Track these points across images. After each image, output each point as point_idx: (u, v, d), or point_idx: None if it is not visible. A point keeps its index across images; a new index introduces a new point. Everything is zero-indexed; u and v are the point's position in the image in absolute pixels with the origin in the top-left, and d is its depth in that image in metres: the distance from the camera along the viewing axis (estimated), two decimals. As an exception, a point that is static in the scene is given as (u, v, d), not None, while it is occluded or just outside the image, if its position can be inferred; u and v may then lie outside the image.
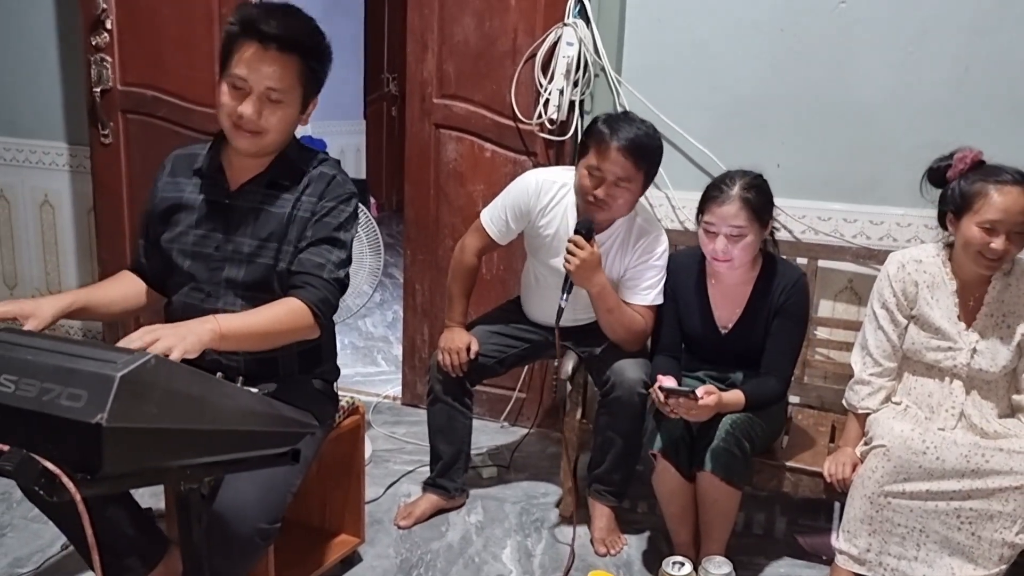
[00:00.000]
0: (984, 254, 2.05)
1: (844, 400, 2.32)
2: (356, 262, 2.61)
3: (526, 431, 3.15)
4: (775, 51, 2.69)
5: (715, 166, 2.71)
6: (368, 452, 2.78)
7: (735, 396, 2.19)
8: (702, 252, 2.29)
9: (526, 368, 3.08)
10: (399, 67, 6.36)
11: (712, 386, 2.16)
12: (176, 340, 1.43)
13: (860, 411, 2.25)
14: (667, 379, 2.16)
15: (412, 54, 3.10)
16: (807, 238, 2.73)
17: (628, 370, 2.35)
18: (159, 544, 1.86)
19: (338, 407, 2.12)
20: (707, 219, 2.21)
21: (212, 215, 1.84)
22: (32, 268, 3.89)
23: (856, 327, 2.43)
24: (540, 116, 2.88)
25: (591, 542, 2.48)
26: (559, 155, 2.93)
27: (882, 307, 2.22)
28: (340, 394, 2.14)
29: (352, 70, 6.26)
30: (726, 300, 2.33)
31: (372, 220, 2.83)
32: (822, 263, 2.69)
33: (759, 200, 2.18)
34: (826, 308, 2.78)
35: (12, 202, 3.84)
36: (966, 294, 2.16)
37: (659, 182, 2.51)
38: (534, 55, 2.88)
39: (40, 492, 1.05)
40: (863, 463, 2.13)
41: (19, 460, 1.05)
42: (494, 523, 2.60)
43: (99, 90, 3.26)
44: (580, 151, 2.34)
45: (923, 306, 2.17)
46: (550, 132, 2.89)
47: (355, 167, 6.55)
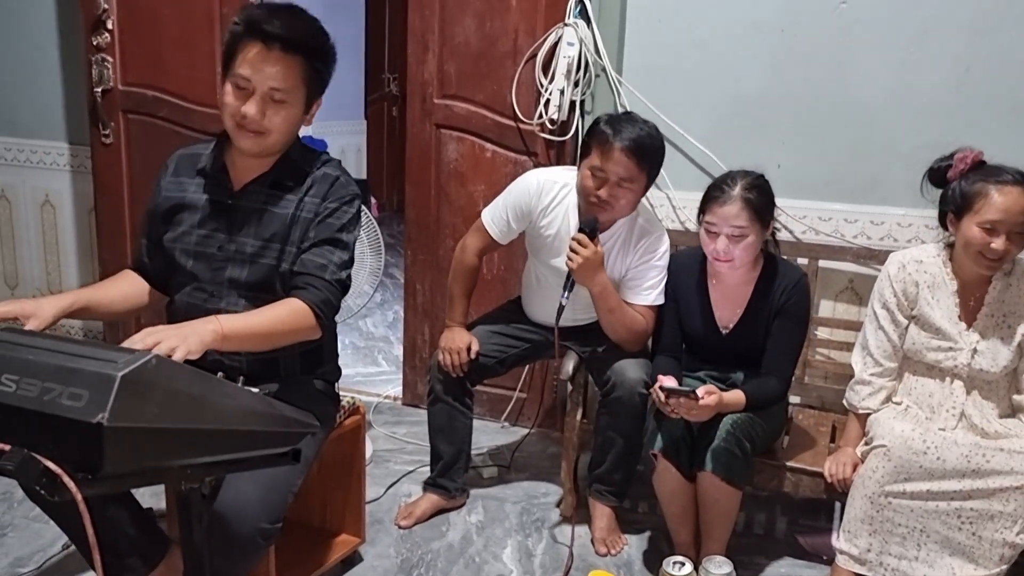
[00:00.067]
0: (985, 254, 2.05)
1: (845, 400, 2.32)
2: (357, 262, 2.61)
3: (527, 431, 3.15)
4: (776, 51, 2.69)
5: (716, 166, 2.71)
6: (369, 452, 2.78)
7: (736, 396, 2.19)
8: (703, 252, 2.29)
9: (527, 368, 3.09)
10: (400, 67, 6.36)
11: (713, 386, 2.16)
12: (178, 341, 1.44)
13: (861, 411, 2.25)
14: (668, 379, 2.16)
15: (413, 54, 3.10)
16: (808, 238, 2.73)
17: (629, 370, 2.35)
18: (160, 544, 1.86)
19: (339, 407, 2.12)
20: (708, 219, 2.21)
21: (215, 215, 1.84)
22: (33, 268, 3.89)
23: (857, 327, 2.43)
24: (541, 116, 2.88)
25: (592, 542, 2.48)
26: (560, 155, 2.93)
27: (883, 307, 2.22)
28: (341, 394, 2.14)
29: (353, 70, 6.26)
30: (727, 300, 2.33)
31: (373, 220, 2.83)
32: (823, 263, 2.69)
33: (761, 200, 2.18)
34: (827, 308, 2.78)
35: (13, 202, 3.84)
36: (967, 294, 2.16)
37: (660, 182, 2.51)
38: (535, 55, 2.88)
39: (41, 492, 1.05)
40: (864, 463, 2.13)
41: (20, 460, 1.05)
42: (495, 523, 2.60)
43: (100, 90, 3.26)
44: (582, 152, 2.34)
45: (924, 306, 2.17)
46: (551, 132, 2.89)
47: (356, 167, 6.55)
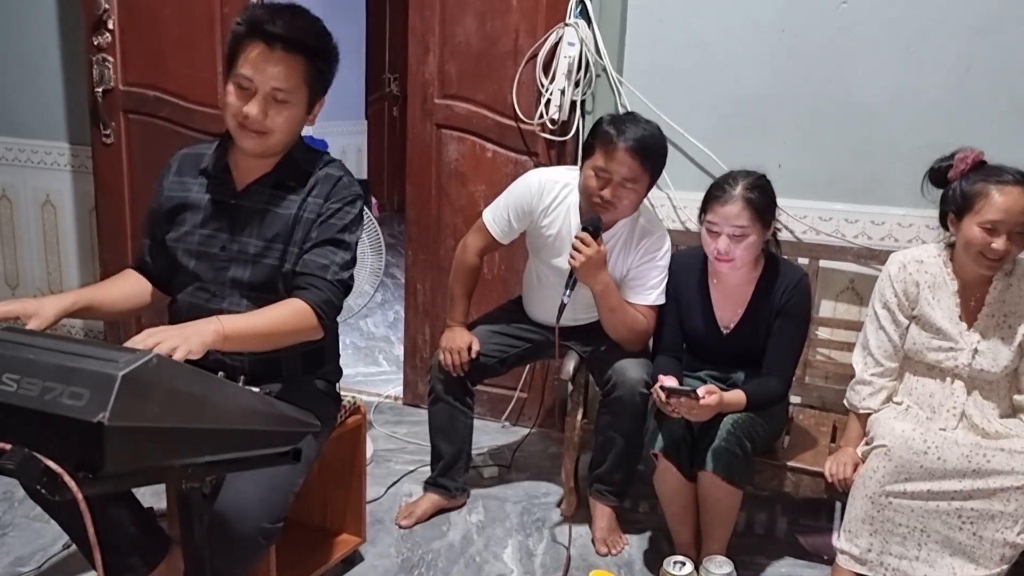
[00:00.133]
0: (985, 254, 2.05)
1: (845, 400, 2.32)
2: (358, 262, 2.61)
3: (527, 431, 3.15)
4: (776, 51, 2.69)
5: (716, 166, 2.71)
6: (369, 452, 2.78)
7: (736, 396, 2.19)
8: (704, 252, 2.29)
9: (527, 368, 3.09)
10: (400, 67, 6.37)
11: (713, 386, 2.16)
12: (180, 341, 1.44)
13: (861, 411, 2.25)
14: (668, 379, 2.16)
15: (413, 55, 3.10)
16: (808, 238, 2.73)
17: (629, 370, 2.35)
18: (161, 543, 1.87)
19: (341, 407, 2.12)
20: (710, 218, 2.21)
21: (218, 215, 1.84)
22: (34, 268, 3.89)
23: (857, 327, 2.43)
24: (541, 116, 2.88)
25: (592, 542, 2.48)
26: (560, 155, 2.93)
27: (883, 307, 2.22)
28: (342, 394, 2.14)
29: (353, 70, 6.26)
30: (728, 300, 2.33)
31: (374, 220, 2.84)
32: (823, 263, 2.69)
33: (762, 200, 2.18)
34: (827, 308, 2.78)
35: (14, 202, 3.84)
36: (967, 294, 2.16)
37: (660, 182, 2.51)
38: (535, 55, 2.88)
39: (42, 491, 1.05)
40: (864, 463, 2.13)
41: (21, 459, 1.05)
42: (495, 523, 2.60)
43: (101, 90, 3.26)
44: (585, 152, 2.34)
45: (924, 306, 2.17)
46: (551, 132, 2.89)
47: (356, 167, 6.56)
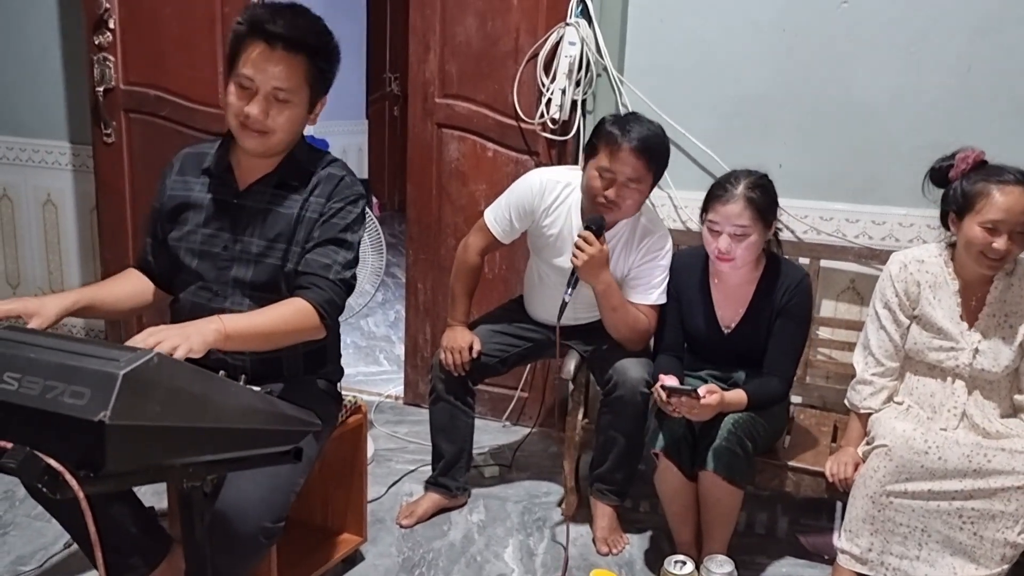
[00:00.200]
0: (986, 254, 2.05)
1: (846, 400, 2.32)
2: (359, 261, 2.61)
3: (528, 430, 3.15)
4: (777, 51, 2.69)
5: (717, 166, 2.71)
6: (370, 451, 2.78)
7: (737, 395, 2.19)
8: (705, 251, 2.28)
9: (528, 367, 3.09)
10: (401, 67, 6.37)
11: (714, 385, 2.16)
12: (181, 340, 1.44)
13: (862, 411, 2.25)
14: (669, 378, 2.15)
15: (414, 54, 3.10)
16: (809, 238, 2.73)
17: (630, 369, 2.35)
18: (162, 543, 1.87)
19: (342, 407, 2.12)
20: (711, 218, 2.21)
21: (220, 214, 1.85)
22: (35, 267, 3.90)
23: (858, 327, 2.43)
24: (542, 116, 2.88)
25: (593, 541, 2.48)
26: (561, 155, 2.93)
27: (884, 307, 2.22)
28: (343, 393, 2.14)
29: (354, 70, 6.26)
30: (729, 300, 2.33)
31: (374, 220, 2.84)
32: (824, 263, 2.69)
33: (763, 200, 2.18)
34: (828, 308, 2.78)
35: (15, 201, 3.85)
36: (968, 294, 2.16)
37: (661, 182, 2.51)
38: (536, 55, 2.88)
39: (43, 490, 1.06)
40: (865, 463, 2.13)
41: (22, 457, 1.05)
42: (496, 522, 2.60)
43: (102, 89, 3.26)
44: (588, 152, 2.33)
45: (925, 306, 2.17)
46: (552, 132, 2.89)
47: (357, 167, 6.56)
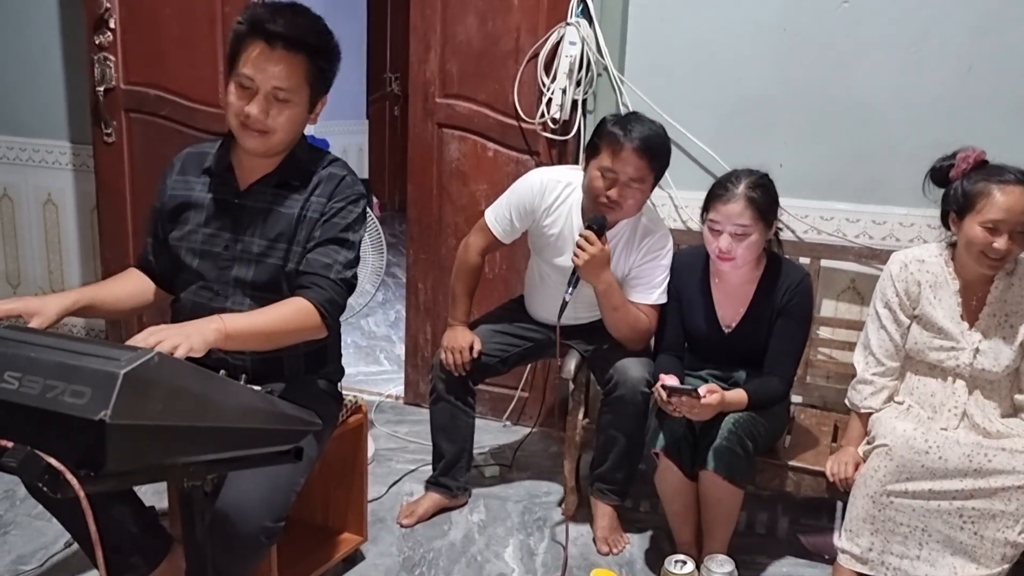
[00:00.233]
0: (987, 254, 2.04)
1: (847, 399, 2.32)
2: (360, 261, 2.62)
3: (528, 430, 3.15)
4: (778, 51, 2.69)
5: (718, 166, 2.71)
6: (371, 451, 2.78)
7: (738, 395, 2.19)
8: (706, 251, 2.28)
9: (528, 367, 3.09)
10: (402, 67, 6.37)
11: (715, 385, 2.16)
12: (181, 339, 1.44)
13: (863, 410, 2.25)
14: (670, 378, 2.15)
15: (415, 54, 3.10)
16: (810, 238, 2.73)
17: (631, 369, 2.35)
18: (162, 542, 1.87)
19: (342, 406, 2.12)
20: (712, 217, 2.21)
21: (221, 214, 1.85)
22: (35, 267, 3.90)
23: (858, 327, 2.43)
24: (543, 115, 2.88)
25: (594, 541, 2.48)
26: (562, 154, 2.93)
27: (885, 307, 2.22)
28: (343, 393, 2.14)
29: (355, 70, 6.26)
30: (730, 299, 2.33)
31: (375, 219, 2.84)
32: (825, 263, 2.69)
33: (764, 199, 2.18)
34: (829, 308, 2.78)
35: (16, 201, 3.85)
36: (969, 294, 2.15)
37: (662, 181, 2.51)
38: (537, 54, 2.88)
39: (44, 488, 1.06)
40: (865, 462, 2.13)
41: (23, 457, 1.06)
42: (496, 522, 2.60)
43: (102, 89, 3.27)
44: (590, 153, 2.32)
45: (926, 306, 2.17)
46: (553, 132, 2.89)
47: (358, 167, 6.56)
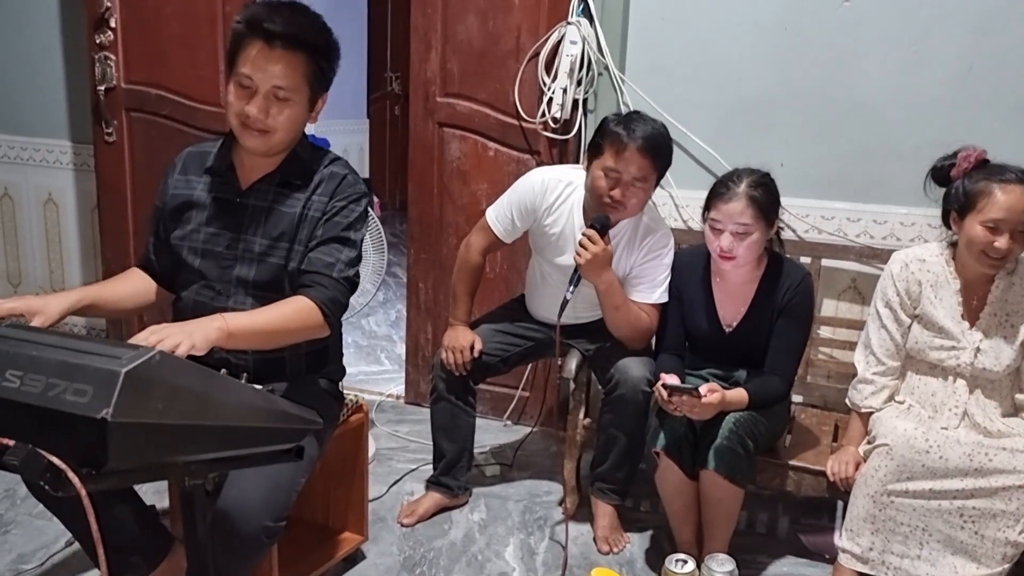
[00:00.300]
0: (988, 253, 2.04)
1: (847, 399, 2.32)
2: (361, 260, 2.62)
3: (529, 429, 3.15)
4: (779, 50, 2.69)
5: (719, 165, 2.71)
6: (371, 450, 2.78)
7: (738, 394, 2.19)
8: (707, 250, 2.28)
9: (529, 367, 3.09)
10: (402, 66, 6.36)
11: (716, 384, 2.17)
12: (183, 337, 1.44)
13: (863, 410, 2.25)
14: (670, 377, 2.15)
15: (416, 53, 3.10)
16: (810, 237, 2.73)
17: (632, 368, 2.35)
18: (163, 541, 1.87)
19: (343, 406, 2.12)
20: (713, 216, 2.21)
21: (223, 213, 1.85)
22: (36, 266, 3.90)
23: (859, 326, 2.43)
24: (544, 115, 2.88)
25: (594, 540, 2.48)
26: (563, 154, 2.93)
27: (885, 306, 2.22)
28: (344, 393, 2.14)
29: (355, 69, 6.26)
30: (731, 299, 2.33)
31: (376, 219, 2.83)
32: (825, 262, 2.69)
33: (766, 198, 2.18)
34: (829, 307, 2.78)
35: (16, 200, 3.85)
36: (969, 293, 2.15)
37: (663, 181, 2.51)
38: (537, 54, 2.88)
39: (45, 487, 1.06)
40: (866, 462, 2.13)
41: (24, 455, 1.06)
42: (497, 521, 2.60)
43: (103, 88, 3.27)
44: (592, 152, 2.32)
45: (926, 305, 2.17)
46: (553, 131, 2.89)
47: (358, 166, 6.55)
